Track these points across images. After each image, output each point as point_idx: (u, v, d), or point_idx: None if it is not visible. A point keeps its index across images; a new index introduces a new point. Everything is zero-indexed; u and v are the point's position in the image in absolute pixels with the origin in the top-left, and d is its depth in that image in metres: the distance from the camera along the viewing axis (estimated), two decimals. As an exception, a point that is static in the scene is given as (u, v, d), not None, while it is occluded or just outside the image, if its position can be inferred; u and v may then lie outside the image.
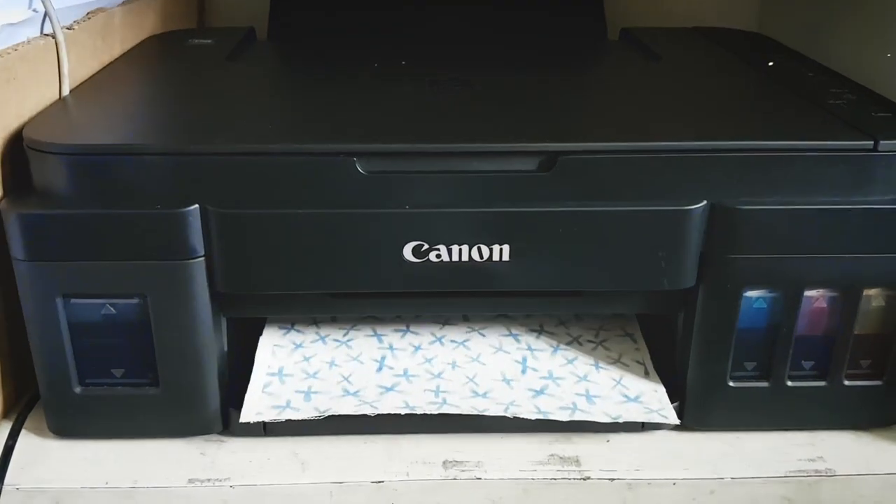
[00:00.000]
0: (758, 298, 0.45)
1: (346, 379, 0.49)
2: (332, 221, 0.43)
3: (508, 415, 0.46)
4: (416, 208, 0.43)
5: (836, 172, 0.43)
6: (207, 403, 0.47)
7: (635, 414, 0.46)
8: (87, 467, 0.46)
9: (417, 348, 0.51)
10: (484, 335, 0.53)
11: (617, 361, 0.51)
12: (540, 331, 0.53)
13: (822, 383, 0.47)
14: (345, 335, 0.52)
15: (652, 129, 0.46)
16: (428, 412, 0.46)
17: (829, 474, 0.46)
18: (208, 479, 0.45)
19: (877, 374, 0.47)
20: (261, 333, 0.52)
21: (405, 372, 0.49)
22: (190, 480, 0.45)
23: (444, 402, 0.47)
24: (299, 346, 0.51)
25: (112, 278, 0.43)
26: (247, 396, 0.47)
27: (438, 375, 0.49)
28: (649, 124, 0.47)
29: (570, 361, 0.51)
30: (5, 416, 0.49)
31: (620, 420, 0.46)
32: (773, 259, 0.44)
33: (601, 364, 0.51)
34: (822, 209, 0.43)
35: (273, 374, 0.49)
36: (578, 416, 0.46)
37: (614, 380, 0.49)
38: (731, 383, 0.47)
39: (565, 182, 0.43)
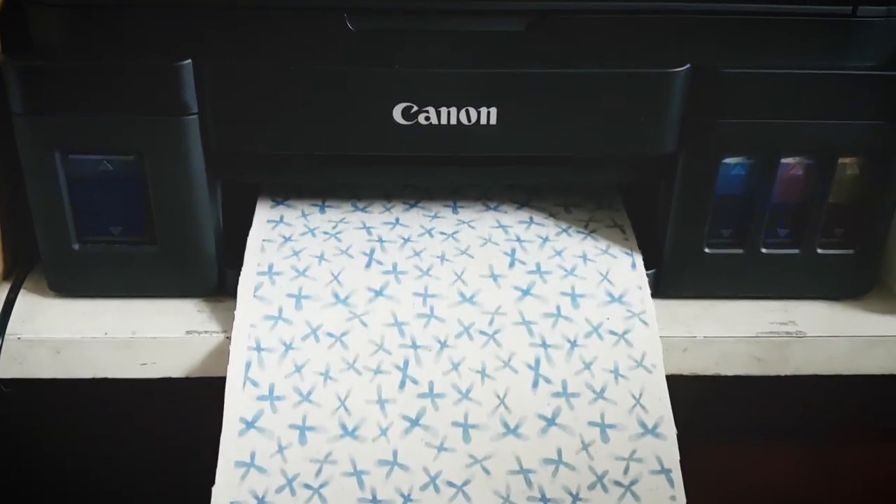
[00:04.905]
0: (736, 165, 0.47)
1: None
2: (323, 79, 0.44)
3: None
4: (405, 68, 0.44)
5: (816, 38, 0.44)
6: (204, 263, 0.48)
7: None
8: (87, 320, 0.47)
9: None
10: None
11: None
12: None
13: (796, 251, 0.49)
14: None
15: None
16: None
17: (798, 336, 0.48)
18: (206, 331, 0.47)
19: (849, 244, 0.49)
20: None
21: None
22: (188, 332, 0.47)
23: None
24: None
25: (108, 133, 0.44)
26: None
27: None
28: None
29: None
30: (5, 278, 0.51)
31: None
32: (752, 124, 0.45)
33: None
34: (802, 74, 0.44)
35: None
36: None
37: None
38: (706, 250, 0.49)
39: (553, 43, 0.44)
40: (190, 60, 0.43)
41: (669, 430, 0.44)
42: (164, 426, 0.69)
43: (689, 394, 0.49)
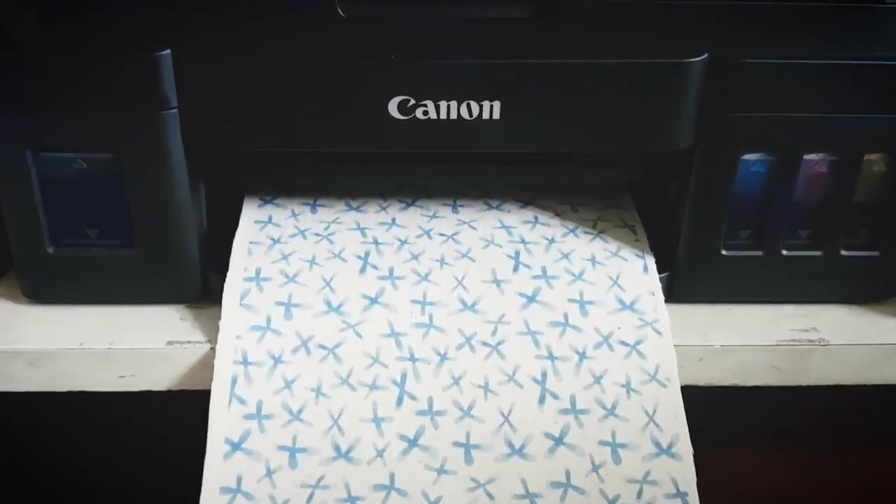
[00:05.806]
0: (755, 162, 0.44)
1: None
2: (313, 70, 0.41)
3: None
4: (401, 58, 0.41)
5: (842, 27, 0.41)
6: (186, 268, 0.46)
7: None
8: (63, 330, 0.45)
9: None
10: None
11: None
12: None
13: (818, 253, 0.46)
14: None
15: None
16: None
17: (821, 344, 0.45)
18: (189, 342, 0.44)
19: (874, 245, 0.46)
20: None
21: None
22: (169, 342, 0.44)
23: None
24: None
25: (82, 130, 0.42)
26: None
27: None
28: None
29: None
30: (-23, 285, 0.48)
31: None
32: (773, 118, 0.42)
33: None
34: (826, 64, 0.41)
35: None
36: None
37: None
38: (723, 252, 0.46)
39: (561, 32, 0.41)
40: (169, 51, 0.40)
41: (685, 449, 0.41)
42: (163, 426, 0.68)
43: (701, 402, 0.47)
